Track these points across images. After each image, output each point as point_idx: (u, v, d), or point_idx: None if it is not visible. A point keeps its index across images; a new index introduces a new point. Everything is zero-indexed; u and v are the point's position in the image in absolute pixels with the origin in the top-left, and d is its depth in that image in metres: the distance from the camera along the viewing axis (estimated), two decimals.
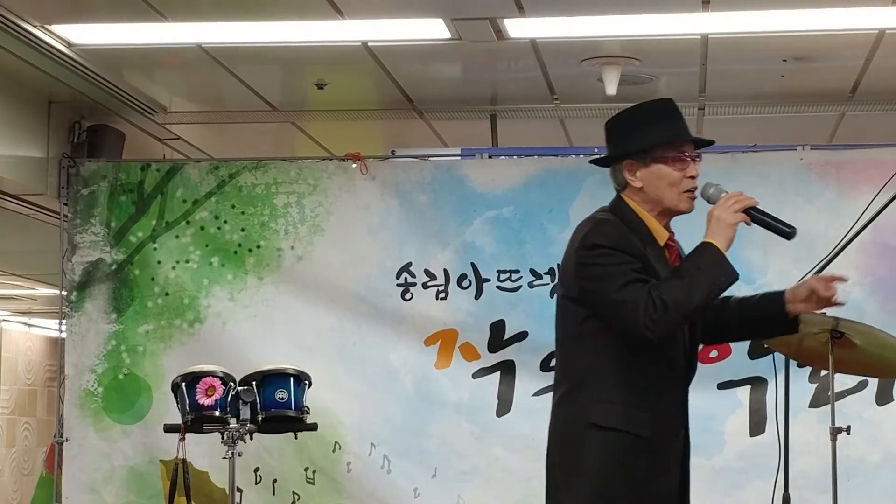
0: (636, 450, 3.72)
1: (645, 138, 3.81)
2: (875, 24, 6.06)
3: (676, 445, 3.78)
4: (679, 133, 3.86)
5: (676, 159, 3.81)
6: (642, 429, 3.72)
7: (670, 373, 3.78)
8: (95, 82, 6.78)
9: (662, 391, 3.76)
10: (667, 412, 3.76)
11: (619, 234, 3.75)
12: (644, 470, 3.72)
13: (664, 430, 3.75)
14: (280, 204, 7.04)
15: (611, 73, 6.64)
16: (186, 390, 5.77)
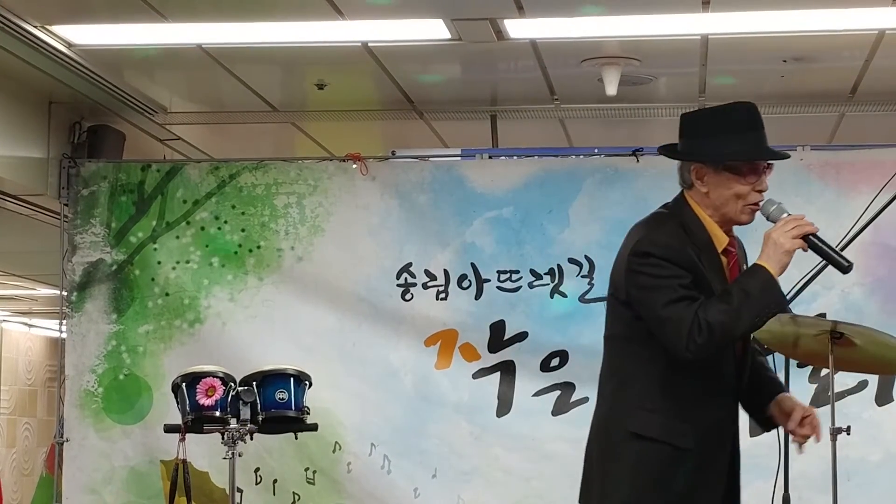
0: (675, 461, 3.66)
1: (721, 149, 3.71)
2: (875, 24, 6.06)
3: (722, 459, 3.71)
4: (757, 149, 3.74)
5: (750, 172, 3.72)
6: (682, 440, 3.66)
7: (717, 385, 3.71)
8: (96, 83, 6.78)
9: (707, 403, 3.69)
10: (711, 425, 3.69)
11: (672, 243, 3.68)
12: (682, 483, 3.66)
13: (707, 443, 3.68)
14: (280, 204, 7.04)
15: (611, 74, 6.64)
16: (187, 391, 5.77)
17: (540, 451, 6.79)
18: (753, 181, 3.72)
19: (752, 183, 3.72)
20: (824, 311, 6.36)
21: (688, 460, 3.66)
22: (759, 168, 3.73)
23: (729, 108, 3.82)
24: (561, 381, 6.82)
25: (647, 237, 3.73)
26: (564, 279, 6.85)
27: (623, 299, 3.72)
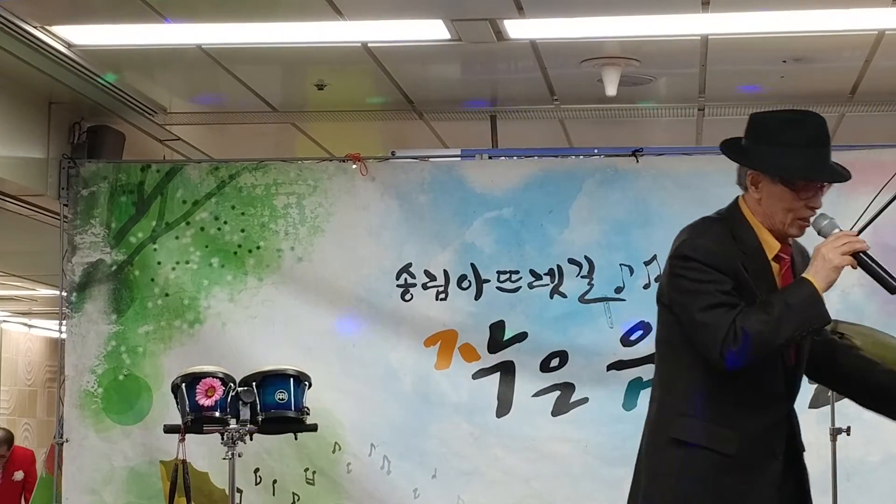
0: (721, 468, 3.62)
1: (780, 161, 3.67)
2: (874, 24, 6.06)
3: (773, 467, 3.63)
4: (815, 169, 3.70)
5: (805, 188, 3.69)
6: (727, 446, 3.62)
7: (761, 394, 3.65)
8: (95, 83, 6.78)
9: (751, 411, 3.64)
10: (757, 432, 3.63)
11: (714, 248, 3.63)
12: (730, 489, 3.62)
13: (754, 450, 3.62)
14: (280, 205, 7.04)
15: (610, 74, 6.64)
16: (186, 391, 5.78)
17: (539, 452, 6.79)
18: (807, 197, 3.69)
19: (805, 199, 3.69)
20: None
21: (734, 467, 3.62)
22: (816, 185, 3.70)
23: (798, 118, 3.77)
24: (561, 382, 6.82)
25: (690, 241, 3.66)
26: (564, 279, 6.85)
27: (666, 303, 3.69)
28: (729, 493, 3.61)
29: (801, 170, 3.68)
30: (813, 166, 3.71)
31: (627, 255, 6.81)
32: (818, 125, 3.76)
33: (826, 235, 3.66)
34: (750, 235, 3.68)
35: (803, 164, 3.69)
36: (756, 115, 3.79)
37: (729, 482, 3.61)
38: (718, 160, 6.80)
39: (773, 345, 3.54)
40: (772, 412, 3.66)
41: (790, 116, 3.78)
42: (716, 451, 3.62)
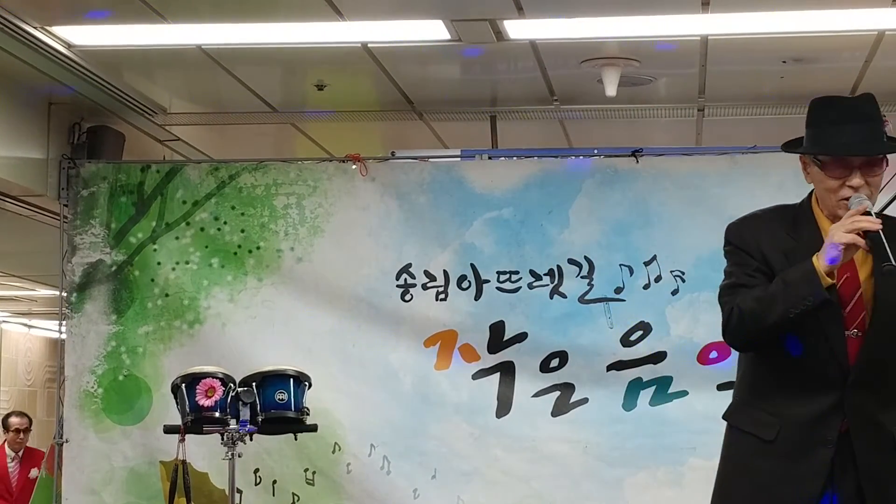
0: (759, 453, 3.64)
1: (808, 141, 3.66)
2: (874, 25, 6.06)
3: (821, 455, 3.59)
4: (831, 145, 3.63)
5: (834, 166, 3.62)
6: (766, 432, 3.64)
7: (810, 379, 3.62)
8: (95, 83, 6.78)
9: (799, 396, 3.62)
10: (801, 418, 3.61)
11: (743, 229, 3.68)
12: (768, 475, 3.62)
13: (797, 437, 3.60)
14: (280, 205, 7.04)
15: (610, 75, 6.65)
16: (186, 391, 5.78)
17: (539, 452, 6.79)
18: (841, 176, 3.61)
19: (839, 178, 3.61)
20: None
21: (773, 453, 3.62)
22: (846, 162, 3.61)
23: (831, 98, 3.73)
24: (560, 382, 6.82)
25: (731, 225, 3.74)
26: (564, 280, 6.85)
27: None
28: (765, 478, 3.62)
29: (817, 146, 3.65)
30: (829, 142, 3.65)
31: (627, 256, 6.81)
32: (851, 102, 3.72)
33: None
34: (810, 224, 3.67)
35: (821, 140, 3.65)
36: (813, 100, 3.76)
37: (766, 467, 3.63)
38: (718, 161, 6.86)
39: (768, 321, 3.54)
40: (821, 399, 3.61)
41: (826, 98, 3.74)
42: (756, 435, 3.66)
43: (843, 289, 3.64)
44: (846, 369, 3.62)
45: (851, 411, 3.62)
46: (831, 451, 3.59)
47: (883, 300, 3.64)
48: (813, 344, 3.62)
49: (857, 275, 3.67)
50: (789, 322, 3.54)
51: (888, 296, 3.63)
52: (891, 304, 3.63)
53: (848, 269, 3.65)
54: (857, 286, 3.66)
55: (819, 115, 3.70)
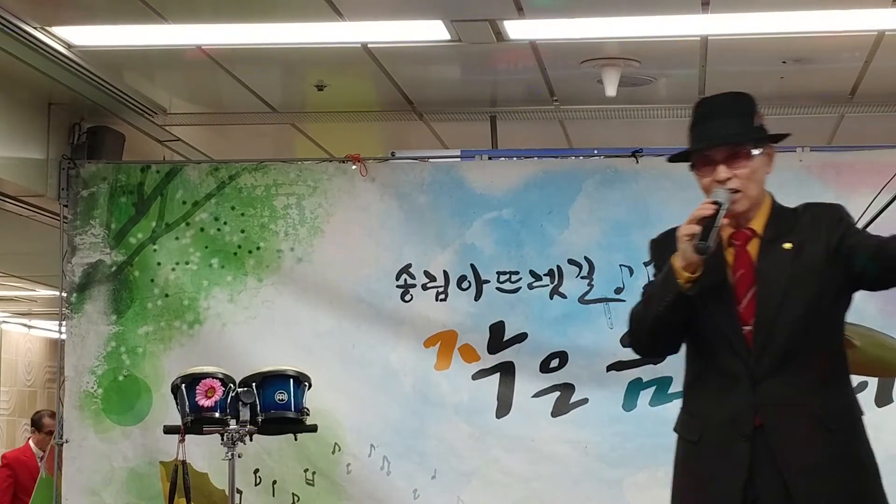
0: (689, 455, 3.73)
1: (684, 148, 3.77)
2: (874, 25, 6.06)
3: (740, 450, 3.62)
4: (697, 140, 3.71)
5: (701, 164, 3.71)
6: (692, 434, 3.71)
7: (722, 378, 3.67)
8: (95, 84, 6.78)
9: (715, 395, 3.68)
10: (721, 416, 3.66)
11: (661, 244, 3.78)
12: (696, 476, 3.70)
13: (717, 437, 3.66)
14: (280, 205, 7.04)
15: (610, 75, 6.65)
16: (186, 392, 5.77)
17: (539, 453, 6.79)
18: (709, 172, 3.69)
19: (708, 175, 3.69)
20: None
21: (698, 454, 3.70)
22: (709, 159, 3.69)
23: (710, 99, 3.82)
24: (560, 383, 6.82)
25: (653, 238, 3.88)
26: (564, 280, 6.85)
27: None
28: (694, 479, 3.71)
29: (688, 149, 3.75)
30: (695, 139, 3.74)
31: (627, 256, 6.81)
32: (712, 100, 3.80)
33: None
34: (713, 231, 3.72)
35: (689, 141, 3.75)
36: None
37: (694, 469, 3.71)
38: None
39: (646, 322, 3.68)
40: (734, 396, 3.65)
41: (700, 99, 3.86)
42: (685, 438, 3.75)
43: (739, 285, 3.69)
44: (749, 364, 3.66)
45: (762, 405, 3.65)
46: (748, 447, 3.63)
47: (762, 293, 3.68)
48: (716, 343, 3.68)
49: (751, 270, 3.71)
50: (663, 322, 3.65)
51: (765, 289, 3.67)
52: (769, 294, 3.67)
53: (742, 266, 3.71)
54: (753, 281, 3.70)
55: (692, 119, 3.78)
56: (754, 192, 3.73)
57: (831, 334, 3.73)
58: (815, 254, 3.68)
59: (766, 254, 3.70)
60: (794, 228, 3.74)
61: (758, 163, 3.73)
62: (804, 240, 3.71)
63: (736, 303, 3.68)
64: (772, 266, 3.67)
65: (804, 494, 3.60)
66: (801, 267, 3.66)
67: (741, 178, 3.68)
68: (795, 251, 3.68)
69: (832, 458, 3.68)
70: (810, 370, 3.67)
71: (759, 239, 3.73)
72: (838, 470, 3.69)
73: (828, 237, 3.69)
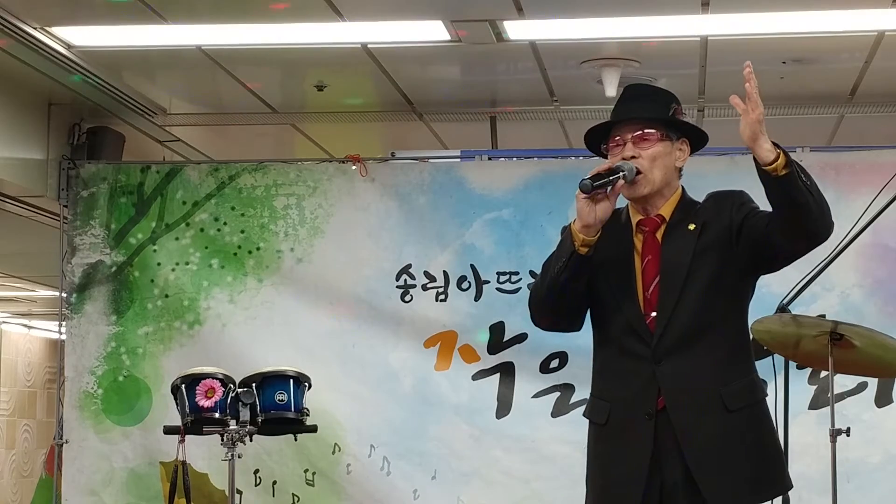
0: (597, 438, 3.83)
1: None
2: (874, 25, 6.06)
3: (644, 429, 3.70)
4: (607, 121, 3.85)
5: (612, 146, 3.84)
6: (600, 417, 3.80)
7: (623, 360, 3.76)
8: (95, 84, 6.78)
9: (620, 376, 3.77)
10: (624, 399, 3.75)
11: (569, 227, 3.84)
12: (604, 456, 3.81)
13: (623, 418, 3.74)
14: (280, 206, 7.04)
15: (610, 75, 6.65)
16: (186, 392, 5.77)
17: (539, 453, 6.79)
18: (618, 152, 3.80)
19: (616, 155, 3.80)
20: (824, 313, 6.36)
21: (606, 436, 3.79)
22: (619, 138, 3.80)
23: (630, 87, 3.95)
24: (560, 383, 6.82)
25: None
26: None
27: None
28: (602, 459, 3.81)
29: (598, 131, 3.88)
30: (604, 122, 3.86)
31: None
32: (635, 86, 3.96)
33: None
34: (625, 213, 3.86)
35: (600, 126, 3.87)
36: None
37: (603, 451, 3.81)
38: (718, 161, 6.86)
39: (542, 289, 3.75)
40: (638, 375, 3.73)
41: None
42: (594, 422, 3.84)
43: (647, 270, 3.78)
44: (652, 346, 3.72)
45: (664, 385, 3.71)
46: (651, 426, 3.69)
47: (666, 279, 3.74)
48: (621, 327, 3.76)
49: (658, 258, 3.78)
50: (558, 285, 3.72)
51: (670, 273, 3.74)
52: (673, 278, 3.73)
53: (650, 252, 3.78)
54: (658, 269, 3.77)
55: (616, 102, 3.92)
56: (657, 178, 3.80)
57: (734, 315, 3.79)
58: (717, 233, 3.77)
59: (671, 235, 3.80)
60: (698, 213, 3.85)
61: (664, 148, 3.82)
62: (707, 220, 3.81)
63: (643, 289, 3.76)
64: (676, 247, 3.76)
65: (703, 474, 3.66)
66: (703, 245, 3.75)
67: (645, 158, 3.77)
68: (699, 231, 3.77)
69: (730, 439, 3.72)
70: (712, 350, 3.73)
71: (666, 225, 3.82)
72: (737, 450, 3.72)
73: (731, 218, 3.80)
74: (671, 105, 3.87)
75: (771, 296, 4.99)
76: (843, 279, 6.53)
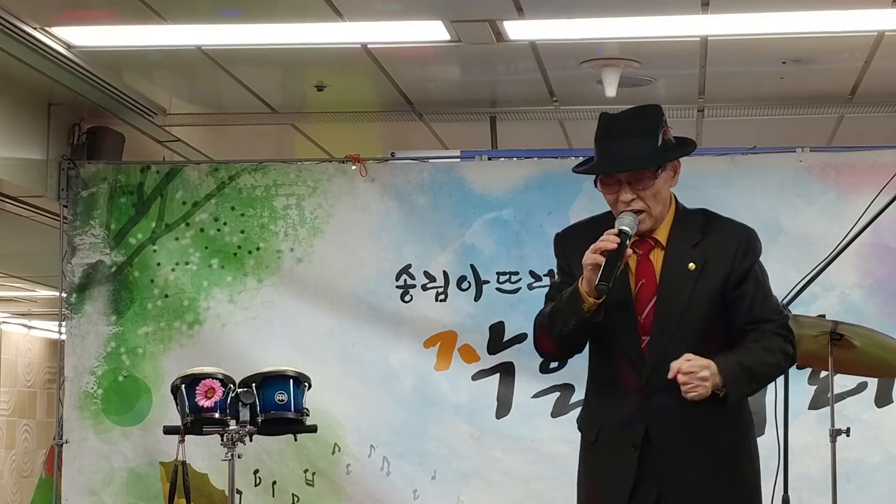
0: (589, 452, 3.89)
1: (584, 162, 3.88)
2: (874, 26, 6.06)
3: (630, 456, 3.73)
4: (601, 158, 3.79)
5: (604, 184, 3.80)
6: (590, 433, 3.87)
7: (616, 383, 3.79)
8: (95, 84, 6.78)
9: (609, 400, 3.81)
10: (614, 422, 3.79)
11: (563, 240, 3.88)
12: (595, 473, 3.85)
13: (611, 439, 3.79)
14: (280, 206, 7.04)
15: (610, 75, 6.65)
16: (186, 392, 5.77)
17: (539, 453, 6.79)
18: (613, 192, 3.76)
19: (613, 193, 3.76)
20: (824, 313, 6.36)
21: (596, 452, 3.83)
22: (614, 179, 3.75)
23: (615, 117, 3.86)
24: (560, 383, 6.82)
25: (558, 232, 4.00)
26: None
27: None
28: (594, 476, 3.86)
29: (584, 165, 3.84)
30: (597, 160, 3.80)
31: None
32: (610, 119, 3.83)
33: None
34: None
35: (592, 160, 3.82)
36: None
37: (593, 466, 3.87)
38: (718, 161, 6.86)
39: (551, 337, 3.81)
40: (626, 403, 3.76)
41: (604, 114, 3.89)
42: (585, 436, 3.91)
43: (641, 295, 3.76)
44: (644, 375, 3.75)
45: (651, 416, 3.73)
46: (636, 456, 3.73)
47: (661, 306, 3.73)
48: (614, 350, 3.78)
49: (653, 280, 3.77)
50: (568, 337, 3.78)
51: (666, 303, 3.73)
52: (669, 309, 3.73)
53: (644, 276, 3.77)
54: (654, 292, 3.75)
55: (597, 133, 3.82)
56: (659, 210, 3.79)
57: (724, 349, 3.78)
58: (715, 280, 3.74)
59: (670, 269, 3.76)
60: (698, 243, 3.78)
61: (662, 181, 3.78)
62: (707, 259, 3.75)
63: (637, 312, 3.75)
64: (674, 284, 3.74)
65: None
66: (701, 290, 3.73)
67: (645, 198, 3.74)
68: (698, 272, 3.73)
69: (710, 473, 3.73)
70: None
71: (662, 250, 3.80)
72: (715, 484, 3.73)
73: (732, 266, 3.76)
74: (659, 131, 3.80)
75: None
76: (842, 279, 6.53)
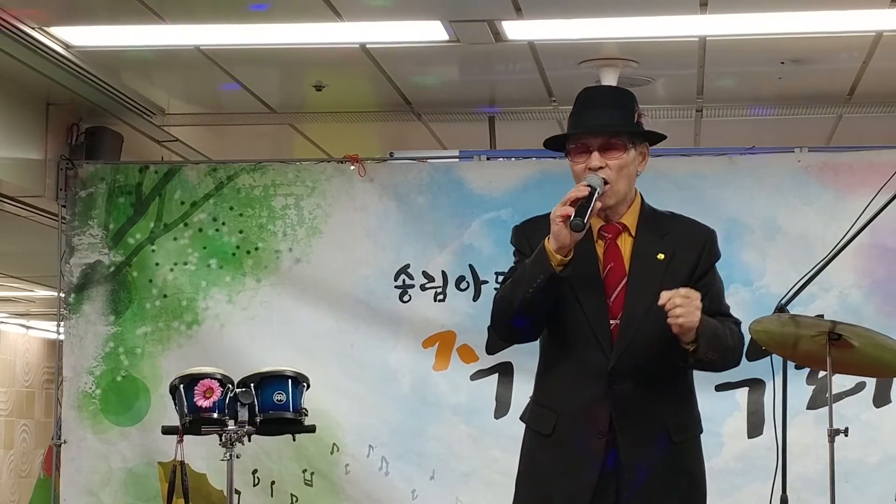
0: (540, 446, 3.79)
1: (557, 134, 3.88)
2: (872, 26, 6.07)
3: (595, 446, 3.70)
4: (575, 126, 3.80)
5: (575, 152, 3.80)
6: (544, 426, 3.78)
7: (580, 372, 3.76)
8: (94, 84, 6.78)
9: (572, 388, 3.77)
10: (576, 410, 3.74)
11: (524, 229, 3.86)
12: (545, 467, 3.76)
13: (571, 431, 3.73)
14: (278, 206, 7.03)
15: (609, 75, 6.65)
16: (184, 392, 5.77)
17: None
18: (583, 160, 3.76)
19: (581, 162, 3.76)
20: (822, 313, 6.36)
21: (550, 446, 3.75)
22: (585, 146, 3.75)
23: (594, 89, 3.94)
24: None
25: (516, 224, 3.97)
26: None
27: None
28: (545, 470, 3.75)
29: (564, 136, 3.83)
30: (572, 126, 3.80)
31: None
32: (586, 92, 3.87)
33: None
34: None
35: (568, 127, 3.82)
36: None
37: (543, 460, 3.76)
38: (717, 161, 6.86)
39: (512, 306, 3.74)
40: (591, 390, 3.72)
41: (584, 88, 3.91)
42: (537, 431, 3.81)
43: (609, 278, 3.76)
44: (610, 360, 3.72)
45: (615, 402, 3.71)
46: (602, 443, 3.68)
47: (632, 290, 3.73)
48: (580, 334, 3.75)
49: (622, 264, 3.77)
50: (532, 304, 3.69)
51: (636, 288, 3.73)
52: (638, 294, 3.72)
53: (612, 259, 3.77)
54: (623, 275, 3.75)
55: (574, 107, 3.85)
56: (623, 187, 3.79)
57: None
58: (681, 272, 3.76)
59: (639, 257, 3.77)
60: (666, 235, 3.81)
61: (630, 157, 3.80)
62: (676, 251, 3.77)
63: (606, 296, 3.74)
64: (644, 271, 3.74)
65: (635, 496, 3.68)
66: (669, 280, 3.72)
67: (613, 168, 3.75)
68: (667, 262, 3.75)
69: (668, 468, 3.74)
70: (664, 381, 3.77)
71: (630, 236, 3.80)
72: (672, 479, 3.75)
73: (697, 263, 3.79)
74: (635, 110, 3.85)
75: (769, 296, 5.01)
76: (841, 279, 6.53)
